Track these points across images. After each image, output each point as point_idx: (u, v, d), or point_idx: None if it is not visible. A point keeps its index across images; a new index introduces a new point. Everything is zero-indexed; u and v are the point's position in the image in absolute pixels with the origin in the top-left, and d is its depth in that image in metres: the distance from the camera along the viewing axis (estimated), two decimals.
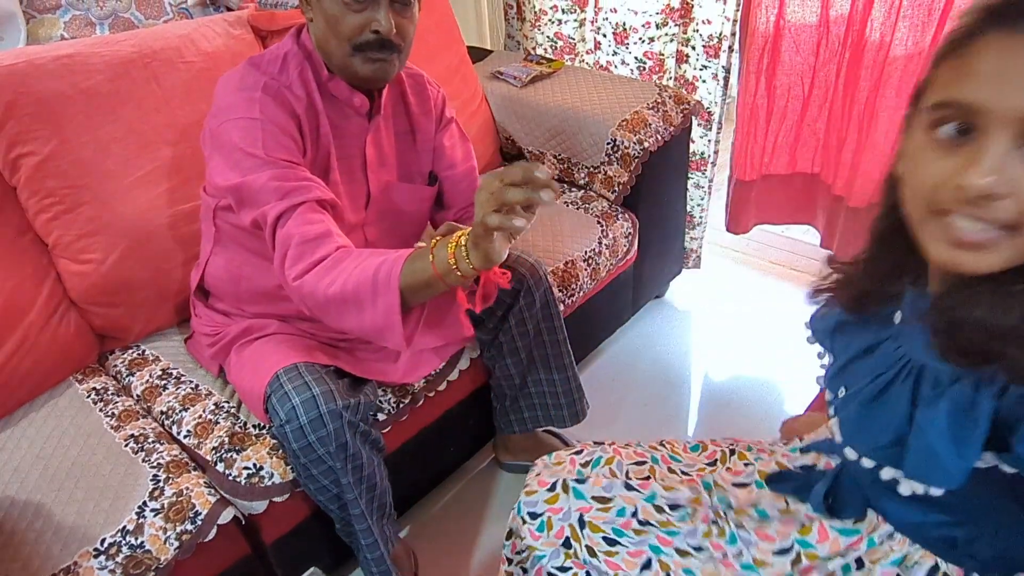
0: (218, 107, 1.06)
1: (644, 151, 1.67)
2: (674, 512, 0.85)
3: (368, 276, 0.93)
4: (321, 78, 1.10)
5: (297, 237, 0.98)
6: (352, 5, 1.00)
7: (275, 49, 1.11)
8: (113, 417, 1.21)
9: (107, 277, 1.29)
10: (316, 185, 1.03)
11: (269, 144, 1.01)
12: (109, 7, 1.39)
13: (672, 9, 1.87)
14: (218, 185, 1.05)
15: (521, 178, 0.77)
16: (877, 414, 0.65)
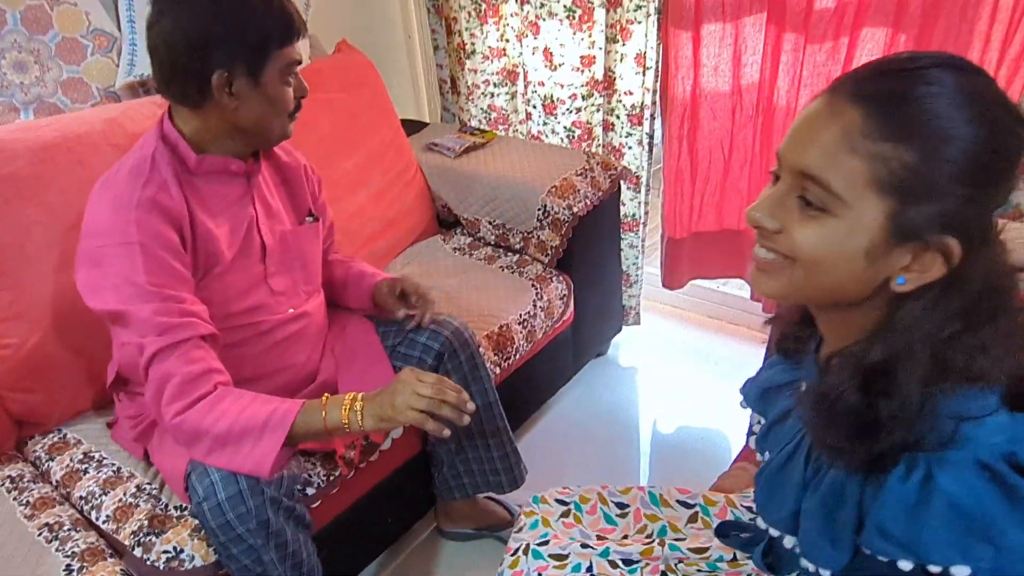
0: (94, 228, 1.04)
1: (574, 215, 1.72)
2: (627, 567, 0.88)
3: (259, 420, 1.01)
4: (190, 165, 1.10)
5: (178, 376, 1.00)
6: (289, 81, 1.10)
7: (140, 152, 1.09)
8: (27, 505, 1.17)
9: (25, 362, 1.26)
10: (199, 321, 1.04)
11: (151, 269, 1.01)
12: (33, 92, 1.41)
13: (596, 81, 1.97)
14: (93, 307, 1.04)
15: (454, 403, 1.02)
16: (778, 486, 0.69)
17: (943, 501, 0.54)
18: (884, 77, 0.56)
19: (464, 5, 2.07)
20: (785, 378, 0.76)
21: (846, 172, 0.55)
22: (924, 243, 0.55)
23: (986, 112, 0.54)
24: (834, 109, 0.57)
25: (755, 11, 1.65)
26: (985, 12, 1.33)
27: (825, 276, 0.59)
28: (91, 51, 1.47)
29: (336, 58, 1.89)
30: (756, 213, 0.61)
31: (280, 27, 1.05)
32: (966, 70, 0.55)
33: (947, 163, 0.53)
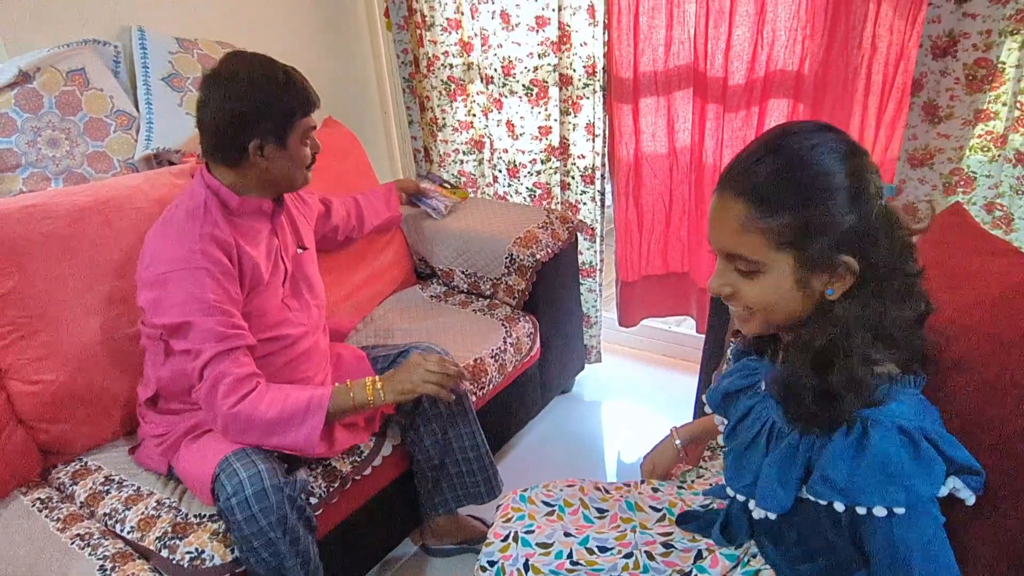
0: (160, 257, 1.25)
1: (537, 262, 1.96)
2: (602, 553, 1.03)
3: (302, 405, 1.27)
4: (232, 206, 1.33)
5: (232, 376, 1.23)
6: (307, 143, 1.35)
7: (189, 200, 1.32)
8: (58, 521, 1.32)
9: (56, 396, 1.42)
10: (245, 333, 1.28)
11: (216, 289, 1.24)
12: (63, 164, 1.62)
13: (553, 148, 2.25)
14: (156, 323, 1.26)
15: (455, 374, 1.39)
16: (744, 462, 0.89)
17: (873, 453, 0.73)
18: (746, 171, 0.77)
19: (435, 85, 2.36)
20: (742, 383, 0.96)
21: (752, 246, 0.76)
22: (831, 265, 0.75)
23: (804, 170, 0.74)
24: (726, 205, 0.78)
25: (683, 87, 1.95)
26: (860, 85, 1.64)
27: (779, 311, 0.80)
28: (113, 129, 1.69)
29: (323, 132, 2.14)
30: (712, 287, 0.83)
31: (300, 103, 1.30)
32: (784, 148, 0.75)
33: (812, 213, 0.73)
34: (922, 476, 0.73)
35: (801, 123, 0.79)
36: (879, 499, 0.73)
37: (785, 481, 0.81)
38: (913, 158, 1.69)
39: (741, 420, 0.93)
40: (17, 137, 1.56)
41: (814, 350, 0.78)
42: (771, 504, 0.82)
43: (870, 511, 0.74)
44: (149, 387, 1.40)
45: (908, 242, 0.79)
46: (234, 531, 1.21)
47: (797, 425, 0.81)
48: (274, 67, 1.29)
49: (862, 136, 1.71)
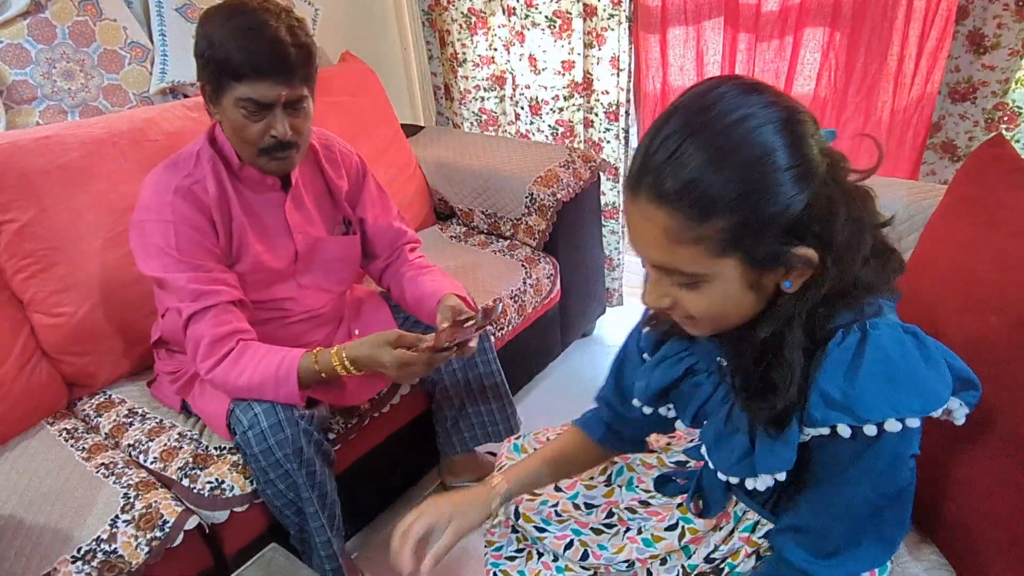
0: (141, 204, 1.22)
1: (558, 201, 1.91)
2: (587, 510, 1.01)
3: (271, 373, 1.19)
4: (233, 168, 1.25)
5: (208, 337, 1.19)
6: (251, 116, 1.15)
7: (190, 147, 1.26)
8: (84, 451, 1.34)
9: (77, 329, 1.43)
10: (227, 289, 1.22)
11: (183, 245, 1.19)
12: (79, 97, 1.60)
13: (576, 84, 2.18)
14: (142, 271, 1.23)
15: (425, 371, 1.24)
16: (725, 441, 0.77)
17: (875, 354, 0.62)
18: (664, 173, 0.61)
19: (456, 18, 2.28)
20: (677, 371, 0.84)
21: (688, 258, 0.63)
22: (785, 260, 0.63)
23: (735, 156, 0.59)
24: (646, 215, 0.63)
25: (713, 15, 1.86)
26: (901, 12, 1.54)
27: (729, 315, 0.69)
28: (128, 61, 1.67)
29: (341, 67, 2.09)
30: (647, 302, 0.71)
31: (241, 63, 1.10)
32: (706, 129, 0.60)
33: (753, 207, 0.60)
34: (937, 378, 0.63)
35: (718, 86, 0.62)
36: (892, 410, 0.62)
37: (786, 439, 0.69)
38: (955, 92, 1.60)
39: (704, 403, 0.82)
40: (32, 69, 1.54)
41: (757, 342, 0.68)
42: (777, 468, 0.71)
43: (881, 428, 0.63)
44: (157, 329, 1.41)
45: (862, 190, 0.67)
46: (251, 463, 1.23)
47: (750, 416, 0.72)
48: (248, 15, 1.11)
49: (901, 68, 1.62)
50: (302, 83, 1.17)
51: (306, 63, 1.17)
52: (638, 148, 0.65)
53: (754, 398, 0.69)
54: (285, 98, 1.15)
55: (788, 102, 0.62)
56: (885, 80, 1.65)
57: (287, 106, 1.17)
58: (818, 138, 0.63)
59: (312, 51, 1.18)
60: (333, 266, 1.44)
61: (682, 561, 0.93)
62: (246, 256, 1.29)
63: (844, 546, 0.74)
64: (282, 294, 1.37)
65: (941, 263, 1.03)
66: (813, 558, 0.75)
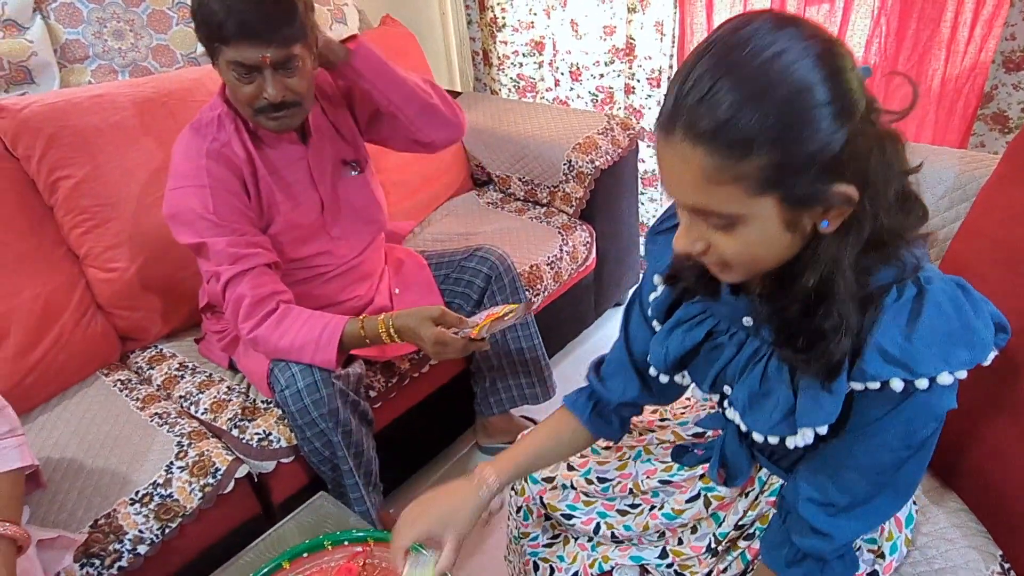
0: (174, 171, 1.23)
1: (596, 168, 1.91)
2: (600, 484, 1.01)
3: (314, 336, 1.22)
4: (251, 127, 1.26)
5: (249, 298, 1.21)
6: (242, 79, 1.14)
7: (208, 112, 1.25)
8: (138, 401, 1.40)
9: (130, 284, 1.48)
10: (263, 251, 1.24)
11: (220, 209, 1.20)
12: (129, 57, 1.63)
13: (618, 49, 2.15)
14: (179, 239, 1.24)
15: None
16: (763, 401, 0.75)
17: (933, 309, 0.63)
18: (700, 111, 0.58)
19: None
20: (698, 335, 0.81)
21: (724, 198, 0.61)
22: (825, 198, 0.61)
23: (772, 92, 0.57)
24: (683, 155, 0.60)
25: None
26: None
27: (764, 259, 0.66)
28: (176, 22, 1.68)
29: (381, 30, 2.09)
30: (679, 247, 0.67)
31: (231, 26, 1.08)
32: (741, 65, 0.57)
33: (793, 145, 0.58)
34: (985, 329, 0.64)
35: (750, 21, 0.60)
36: (943, 364, 0.63)
37: (833, 390, 0.68)
38: (1009, 61, 1.55)
39: (728, 364, 0.80)
40: (84, 28, 1.56)
41: (802, 291, 0.65)
42: (819, 420, 0.70)
43: (932, 381, 0.63)
44: (204, 295, 1.45)
45: (893, 133, 0.64)
46: (289, 421, 1.27)
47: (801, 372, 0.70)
48: None
49: (954, 35, 1.58)
50: (288, 43, 1.12)
51: (290, 20, 1.11)
52: (669, 88, 0.62)
53: (803, 350, 0.67)
54: (270, 60, 1.12)
55: (825, 35, 0.60)
56: (937, 47, 1.60)
57: (277, 67, 1.14)
58: (858, 72, 0.61)
59: (296, 7, 1.12)
60: (358, 209, 1.42)
61: (713, 529, 0.94)
62: (277, 216, 1.31)
63: (861, 500, 0.74)
64: (316, 249, 1.38)
65: (992, 231, 1.02)
66: (827, 516, 0.75)
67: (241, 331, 1.24)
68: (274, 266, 1.27)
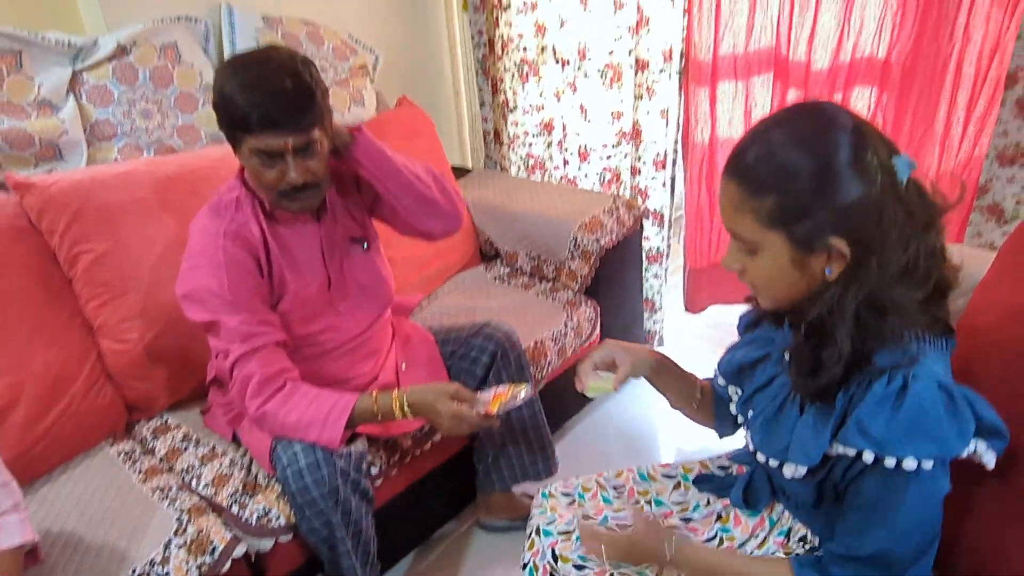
0: (191, 251, 1.27)
1: (601, 247, 1.95)
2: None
3: (323, 413, 1.24)
4: (267, 209, 1.30)
5: (258, 376, 1.23)
6: (265, 164, 1.19)
7: (227, 193, 1.30)
8: (141, 473, 1.40)
9: (141, 355, 1.51)
10: (274, 330, 1.27)
11: (235, 287, 1.23)
12: (155, 135, 1.70)
13: (625, 133, 2.23)
14: (190, 317, 1.26)
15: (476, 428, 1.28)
16: (775, 428, 0.89)
17: (912, 402, 0.73)
18: (739, 155, 0.78)
19: (509, 67, 2.36)
20: (758, 354, 0.95)
21: (745, 225, 0.79)
22: (824, 246, 0.75)
23: (791, 150, 0.74)
24: (726, 187, 0.80)
25: (763, 71, 1.90)
26: (950, 77, 1.56)
27: (780, 289, 0.82)
28: (202, 103, 1.77)
29: (398, 111, 2.18)
30: (724, 263, 0.86)
31: (252, 118, 1.13)
32: (771, 132, 0.76)
33: (790, 195, 0.74)
34: (955, 432, 0.74)
35: (799, 105, 0.80)
36: (912, 452, 0.73)
37: (819, 432, 0.81)
38: (1003, 156, 1.60)
39: (761, 389, 0.93)
40: (114, 108, 1.64)
41: (806, 325, 0.79)
42: (802, 459, 0.83)
43: (899, 463, 0.74)
44: (212, 369, 1.47)
45: (925, 218, 0.77)
46: (289, 499, 1.27)
47: (796, 391, 0.83)
48: (254, 68, 1.15)
49: (948, 132, 1.63)
50: (308, 128, 1.17)
51: (309, 108, 1.16)
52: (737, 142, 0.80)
53: (803, 375, 0.80)
54: (292, 145, 1.17)
55: (835, 122, 0.74)
56: (931, 143, 1.66)
57: (297, 152, 1.18)
58: (874, 155, 0.73)
59: (314, 94, 1.17)
60: (365, 286, 1.45)
61: None
62: (286, 293, 1.34)
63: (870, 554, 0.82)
64: (323, 325, 1.40)
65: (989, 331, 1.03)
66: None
67: (248, 409, 1.25)
68: (284, 344, 1.30)
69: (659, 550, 0.95)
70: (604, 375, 1.03)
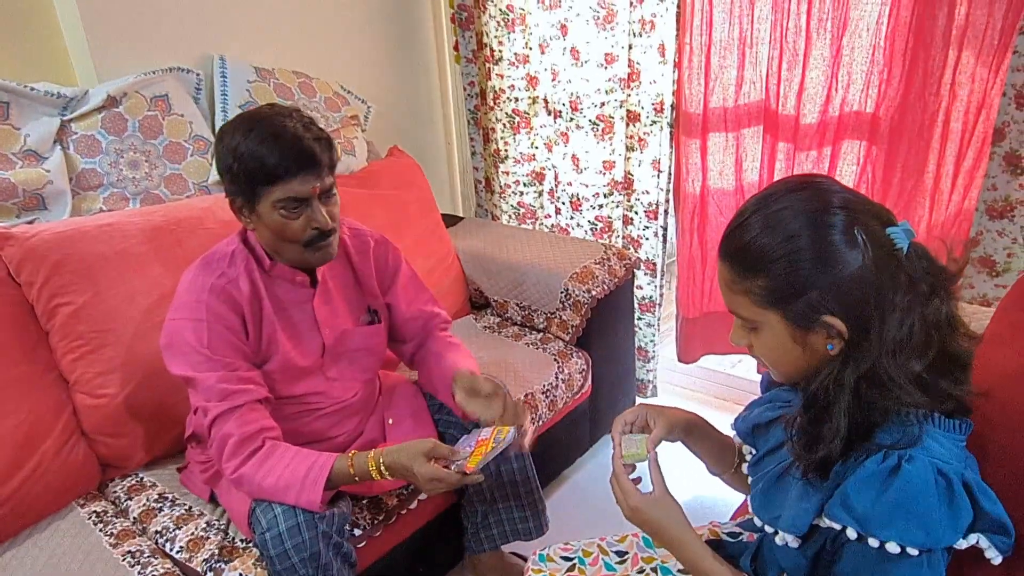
0: (176, 303, 1.26)
1: (592, 298, 1.93)
2: None
3: (300, 475, 1.19)
4: (264, 267, 1.29)
5: (236, 437, 1.19)
6: (291, 215, 1.19)
7: (224, 247, 1.30)
8: (112, 536, 1.34)
9: (118, 410, 1.46)
10: (255, 387, 1.24)
11: (214, 343, 1.21)
12: (142, 185, 1.69)
13: (617, 182, 2.23)
14: (171, 370, 1.24)
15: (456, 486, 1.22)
16: (774, 494, 0.86)
17: (902, 487, 0.70)
18: (729, 236, 0.79)
19: (500, 118, 2.38)
20: (773, 415, 0.93)
21: (741, 305, 0.79)
22: (821, 324, 0.74)
23: (772, 234, 0.74)
24: (720, 267, 0.81)
25: (753, 124, 1.91)
26: (938, 132, 1.58)
27: (785, 365, 0.82)
28: (191, 152, 1.76)
29: (389, 161, 2.18)
30: (732, 340, 0.86)
31: (272, 168, 1.15)
32: (759, 212, 0.76)
33: (779, 276, 0.74)
34: (948, 523, 0.70)
35: (786, 182, 0.79)
36: (896, 535, 0.70)
37: (808, 502, 0.78)
38: (992, 209, 1.61)
39: (772, 451, 0.90)
40: (101, 158, 1.63)
41: (805, 397, 0.79)
42: (790, 527, 0.80)
43: (883, 545, 0.71)
44: (190, 426, 1.43)
45: (930, 285, 0.74)
46: (268, 565, 1.21)
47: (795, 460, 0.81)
48: (264, 122, 1.17)
49: (937, 185, 1.64)
50: (329, 172, 1.23)
51: (329, 151, 1.22)
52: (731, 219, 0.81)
53: (803, 448, 0.78)
54: (319, 189, 1.20)
55: (822, 199, 0.74)
56: (921, 196, 1.66)
57: (321, 196, 1.21)
58: (862, 230, 0.72)
59: (331, 141, 1.23)
60: (358, 356, 1.44)
61: None
62: (275, 354, 1.31)
63: None
64: (310, 388, 1.38)
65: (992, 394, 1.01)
66: None
67: (225, 471, 1.21)
68: (264, 401, 1.26)
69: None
70: (638, 438, 0.99)
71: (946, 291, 0.76)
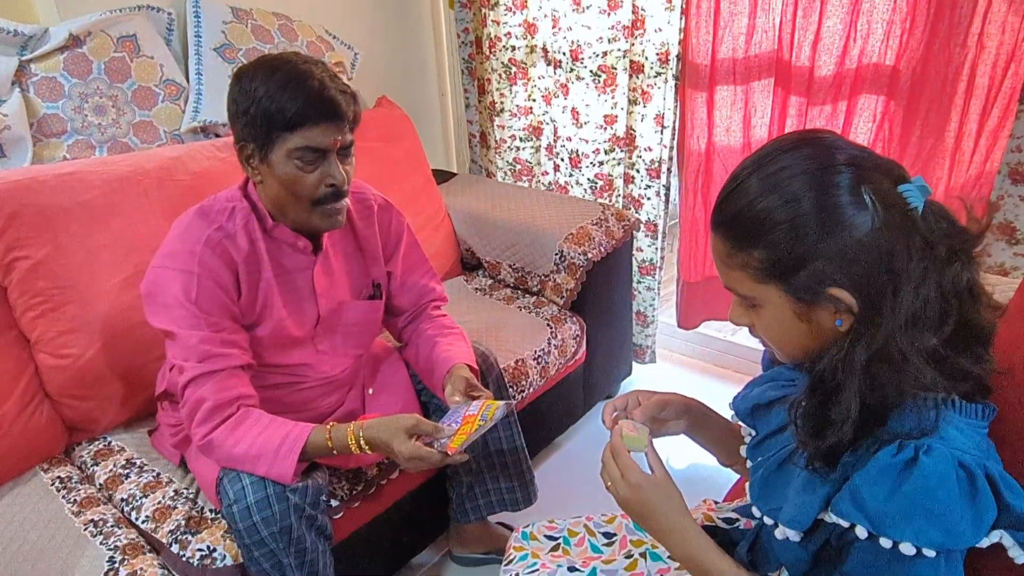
0: (165, 250, 1.16)
1: (588, 260, 1.84)
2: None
3: (271, 446, 1.11)
4: (266, 226, 1.20)
5: (210, 402, 1.12)
6: (306, 167, 1.11)
7: (224, 199, 1.20)
8: (75, 504, 1.28)
9: (83, 371, 1.38)
10: (237, 352, 1.15)
11: (202, 300, 1.12)
12: (109, 132, 1.58)
13: (618, 138, 2.12)
14: (151, 322, 1.15)
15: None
16: (775, 483, 0.78)
17: (919, 480, 0.62)
18: (722, 203, 0.71)
19: (496, 68, 2.25)
20: (775, 395, 0.84)
21: (738, 281, 0.72)
22: (827, 297, 0.66)
23: (770, 198, 0.66)
24: (712, 239, 0.73)
25: (763, 77, 1.79)
26: (962, 87, 1.46)
27: (789, 344, 0.74)
28: (162, 98, 1.65)
29: (376, 112, 2.06)
30: (731, 319, 0.78)
31: (294, 111, 1.07)
32: (754, 176, 0.68)
33: (779, 246, 0.66)
34: (969, 522, 0.62)
35: (782, 140, 0.70)
36: (911, 535, 0.63)
37: (812, 495, 0.70)
38: (1016, 172, 1.51)
39: (773, 434, 0.82)
40: (64, 103, 1.52)
41: (811, 378, 0.70)
42: (791, 521, 0.72)
43: (896, 546, 0.63)
44: (163, 381, 1.34)
45: (948, 248, 0.65)
46: (236, 538, 1.15)
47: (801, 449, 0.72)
48: (288, 66, 1.09)
49: (959, 145, 1.53)
50: (352, 128, 1.16)
51: (354, 107, 1.15)
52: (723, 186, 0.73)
53: (809, 434, 0.70)
54: (339, 144, 1.13)
55: (825, 157, 0.66)
56: (941, 156, 1.55)
57: (339, 152, 1.14)
58: (871, 189, 0.64)
59: (356, 97, 1.16)
60: (353, 331, 1.37)
61: None
62: (268, 320, 1.23)
63: None
64: (299, 359, 1.30)
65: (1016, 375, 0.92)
66: None
67: (194, 436, 1.14)
68: (247, 368, 1.18)
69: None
70: (638, 425, 0.91)
71: (967, 255, 0.66)
